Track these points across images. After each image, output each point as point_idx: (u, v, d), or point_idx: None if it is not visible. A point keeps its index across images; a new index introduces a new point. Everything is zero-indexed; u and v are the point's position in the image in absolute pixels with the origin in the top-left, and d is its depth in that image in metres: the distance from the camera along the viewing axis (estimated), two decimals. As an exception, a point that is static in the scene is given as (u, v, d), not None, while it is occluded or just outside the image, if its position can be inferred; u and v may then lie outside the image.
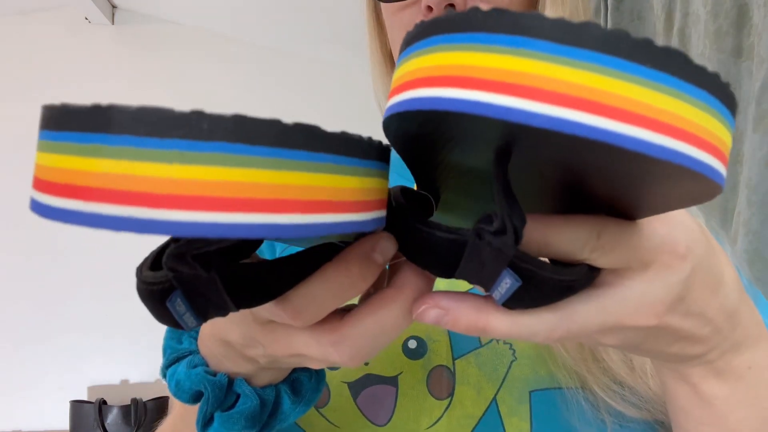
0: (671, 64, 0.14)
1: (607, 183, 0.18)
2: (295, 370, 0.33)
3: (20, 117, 2.20)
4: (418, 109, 0.15)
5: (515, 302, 0.21)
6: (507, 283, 0.20)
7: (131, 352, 2.19)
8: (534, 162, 0.19)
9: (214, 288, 0.19)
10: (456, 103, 0.14)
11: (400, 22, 0.49)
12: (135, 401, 2.04)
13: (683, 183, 0.16)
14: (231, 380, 0.31)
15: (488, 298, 0.22)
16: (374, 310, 0.24)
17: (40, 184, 0.16)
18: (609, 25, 1.33)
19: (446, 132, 0.18)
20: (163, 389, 2.17)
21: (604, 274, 0.23)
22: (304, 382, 0.33)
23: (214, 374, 0.30)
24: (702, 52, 1.04)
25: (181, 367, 0.31)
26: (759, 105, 0.88)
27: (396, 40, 0.51)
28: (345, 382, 0.45)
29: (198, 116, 0.14)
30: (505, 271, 0.19)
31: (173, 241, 0.20)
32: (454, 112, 0.14)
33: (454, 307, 0.22)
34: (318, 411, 0.44)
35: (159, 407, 2.08)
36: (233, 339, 0.28)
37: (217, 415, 0.30)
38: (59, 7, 2.21)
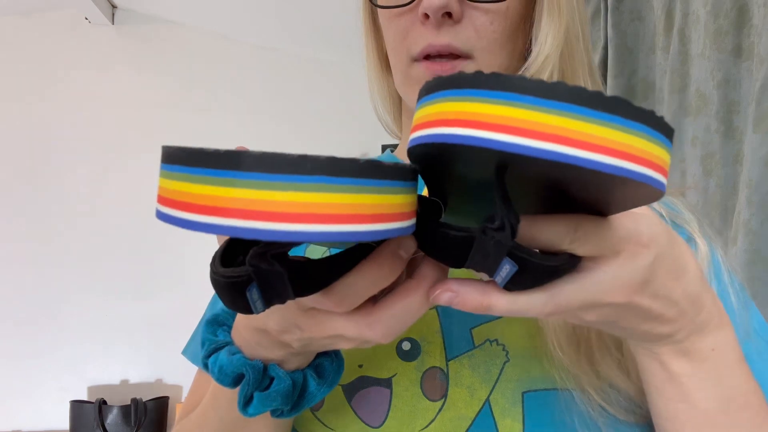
0: (617, 107, 0.20)
1: (580, 190, 0.24)
2: (318, 356, 0.37)
3: (20, 117, 2.20)
4: (440, 142, 0.21)
5: (513, 285, 0.26)
6: (506, 269, 0.25)
7: (131, 352, 2.19)
8: (524, 175, 0.24)
9: (281, 280, 0.25)
10: (468, 139, 0.20)
11: (396, 27, 0.49)
12: (135, 401, 2.04)
13: (633, 188, 0.22)
14: (265, 365, 0.35)
15: (489, 282, 0.27)
16: (402, 296, 0.29)
17: (179, 205, 0.21)
18: (609, 25, 1.32)
19: (456, 156, 0.23)
20: (163, 389, 2.17)
21: (584, 261, 0.27)
22: (326, 366, 0.37)
23: (251, 360, 0.35)
24: (702, 52, 1.04)
25: (222, 355, 0.35)
26: (759, 105, 0.88)
27: (392, 45, 0.50)
28: (339, 385, 0.45)
29: (303, 158, 0.20)
30: (504, 260, 0.24)
31: (253, 243, 0.25)
32: (465, 145, 0.20)
33: (462, 290, 0.27)
34: (313, 414, 0.44)
35: (159, 407, 2.08)
36: (271, 326, 0.32)
37: (256, 394, 0.34)
38: (59, 7, 2.21)
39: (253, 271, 0.24)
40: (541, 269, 0.25)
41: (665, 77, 1.17)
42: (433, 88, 0.22)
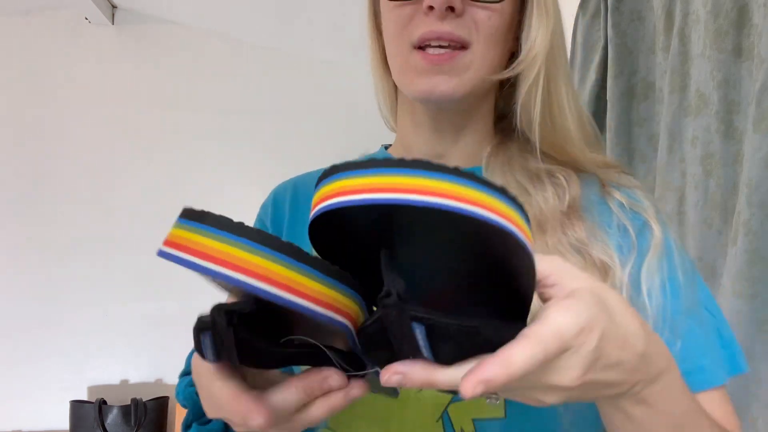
0: (451, 171, 0.24)
1: (477, 259, 0.28)
2: None
3: (20, 117, 2.20)
4: (319, 213, 0.27)
5: (441, 354, 0.28)
6: (420, 334, 0.26)
7: (131, 352, 2.19)
8: (426, 248, 0.28)
9: (229, 339, 0.28)
10: (338, 203, 0.26)
11: (398, 15, 0.51)
12: (135, 401, 2.04)
13: (506, 245, 0.26)
14: None
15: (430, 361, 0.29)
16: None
17: (168, 243, 0.29)
18: (609, 26, 1.32)
19: (348, 226, 0.28)
20: (163, 389, 2.17)
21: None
22: None
23: None
24: (702, 52, 1.04)
25: (183, 382, 0.41)
26: (759, 105, 0.88)
27: (392, 33, 0.53)
28: None
29: (241, 225, 0.27)
30: (413, 324, 0.26)
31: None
32: (341, 210, 0.26)
33: (409, 371, 0.29)
34: None
35: (159, 407, 2.08)
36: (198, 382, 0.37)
37: (194, 425, 0.39)
38: (59, 7, 2.21)
39: (211, 320, 0.29)
40: (457, 331, 0.27)
41: (665, 77, 1.17)
42: (323, 176, 0.28)
